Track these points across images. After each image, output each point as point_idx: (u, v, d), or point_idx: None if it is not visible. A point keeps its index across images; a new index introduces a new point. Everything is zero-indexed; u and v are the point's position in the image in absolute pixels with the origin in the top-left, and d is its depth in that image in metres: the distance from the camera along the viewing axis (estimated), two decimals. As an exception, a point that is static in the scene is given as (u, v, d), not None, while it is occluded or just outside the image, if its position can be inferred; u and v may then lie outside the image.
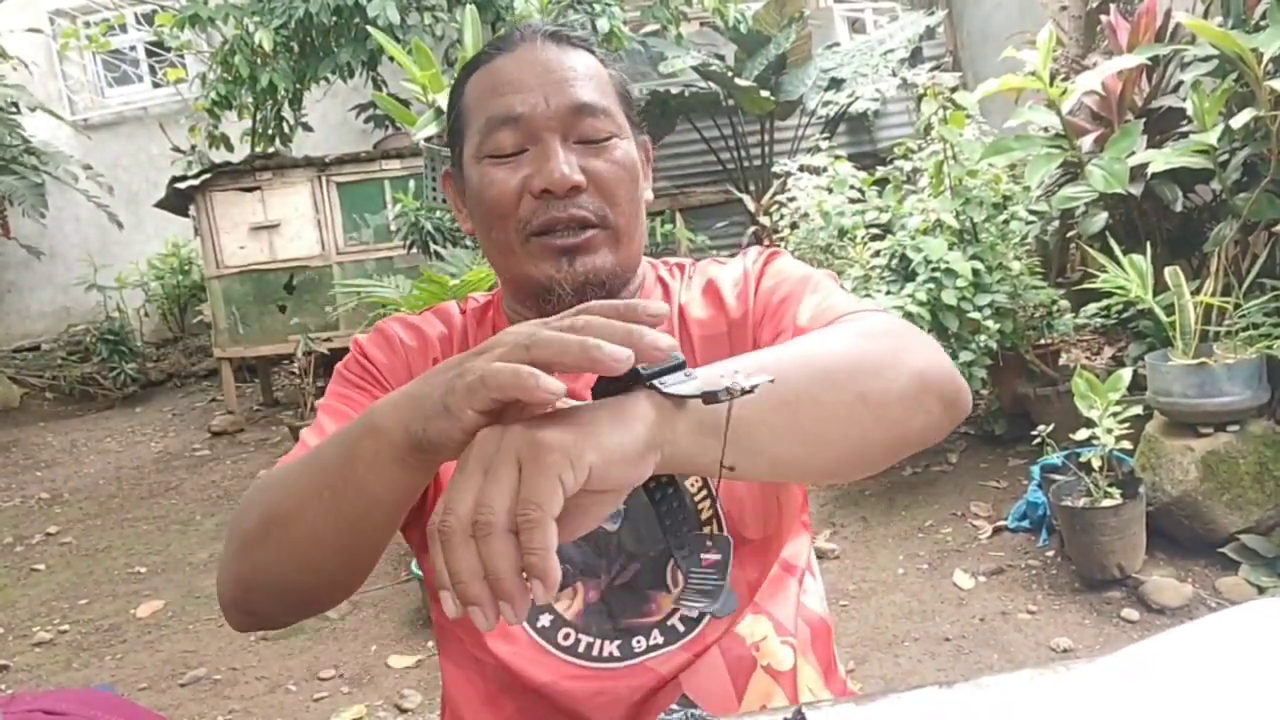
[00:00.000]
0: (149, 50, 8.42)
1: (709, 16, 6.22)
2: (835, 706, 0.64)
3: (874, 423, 0.63)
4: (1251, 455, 2.59)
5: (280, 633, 3.09)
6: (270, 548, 0.67)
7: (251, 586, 0.70)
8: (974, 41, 6.41)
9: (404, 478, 0.59)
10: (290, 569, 0.67)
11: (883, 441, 0.65)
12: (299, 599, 0.71)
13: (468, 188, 0.87)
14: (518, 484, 0.48)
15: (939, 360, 0.70)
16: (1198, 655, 0.60)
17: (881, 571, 2.95)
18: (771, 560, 0.89)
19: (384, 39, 2.73)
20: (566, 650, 0.84)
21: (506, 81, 0.83)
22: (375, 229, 5.85)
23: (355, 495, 0.61)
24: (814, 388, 0.61)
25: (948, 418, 0.69)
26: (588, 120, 0.82)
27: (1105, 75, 3.02)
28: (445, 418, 0.53)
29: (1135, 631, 2.42)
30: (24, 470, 5.61)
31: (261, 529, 0.68)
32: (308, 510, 0.64)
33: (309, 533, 0.64)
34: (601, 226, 0.82)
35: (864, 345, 0.67)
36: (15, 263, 8.06)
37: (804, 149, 5.77)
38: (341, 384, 0.89)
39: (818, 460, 0.63)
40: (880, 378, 0.64)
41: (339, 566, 0.68)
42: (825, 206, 3.89)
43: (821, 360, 0.64)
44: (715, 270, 0.93)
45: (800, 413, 0.60)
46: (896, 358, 0.66)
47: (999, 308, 3.29)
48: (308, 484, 0.64)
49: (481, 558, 0.47)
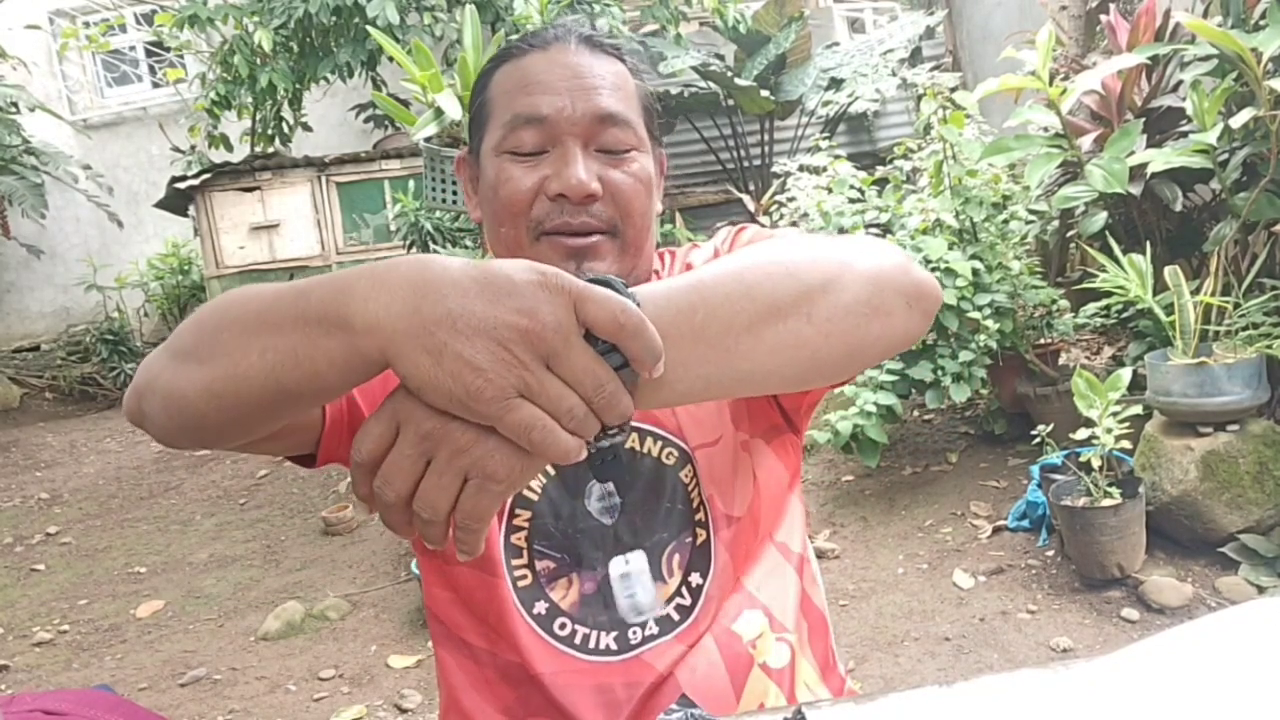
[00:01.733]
0: (149, 50, 8.42)
1: (709, 16, 6.22)
2: (835, 706, 0.64)
3: (824, 340, 0.62)
4: (1251, 455, 2.59)
5: (280, 632, 3.09)
6: (188, 364, 0.63)
7: (155, 388, 0.66)
8: (974, 41, 6.42)
9: (361, 377, 0.56)
10: (197, 392, 0.63)
11: (837, 353, 0.63)
12: (187, 424, 0.66)
13: (482, 179, 0.87)
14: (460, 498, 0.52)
15: (895, 258, 0.68)
16: (1198, 655, 0.60)
17: (881, 571, 2.96)
18: (760, 540, 0.89)
19: (384, 39, 2.73)
20: (563, 641, 0.84)
21: (535, 81, 0.83)
22: (375, 229, 5.85)
23: (301, 374, 0.57)
24: (757, 324, 0.59)
25: (915, 315, 0.67)
26: (611, 130, 0.82)
27: (1105, 75, 3.02)
28: (436, 392, 0.51)
29: (1135, 631, 2.42)
30: (24, 470, 5.61)
31: (191, 343, 0.64)
32: (239, 352, 0.59)
33: (230, 371, 0.60)
34: (611, 235, 0.83)
35: (807, 255, 0.64)
36: (15, 263, 8.06)
37: (804, 149, 5.77)
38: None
39: (758, 390, 0.63)
40: (827, 291, 0.62)
41: (244, 413, 0.62)
42: (825, 206, 3.89)
43: (759, 278, 0.61)
44: (692, 255, 0.95)
45: (737, 333, 0.58)
46: (842, 264, 0.64)
47: (999, 307, 3.29)
48: (251, 329, 0.59)
49: (414, 510, 0.53)
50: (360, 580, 3.47)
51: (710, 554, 0.86)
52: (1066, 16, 4.23)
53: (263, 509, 4.45)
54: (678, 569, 0.86)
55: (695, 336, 0.56)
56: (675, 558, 0.86)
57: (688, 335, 0.56)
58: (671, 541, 0.86)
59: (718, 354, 0.57)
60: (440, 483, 0.51)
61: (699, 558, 0.86)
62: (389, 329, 0.51)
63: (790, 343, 0.60)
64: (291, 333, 0.56)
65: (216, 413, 0.62)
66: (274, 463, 5.16)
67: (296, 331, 0.56)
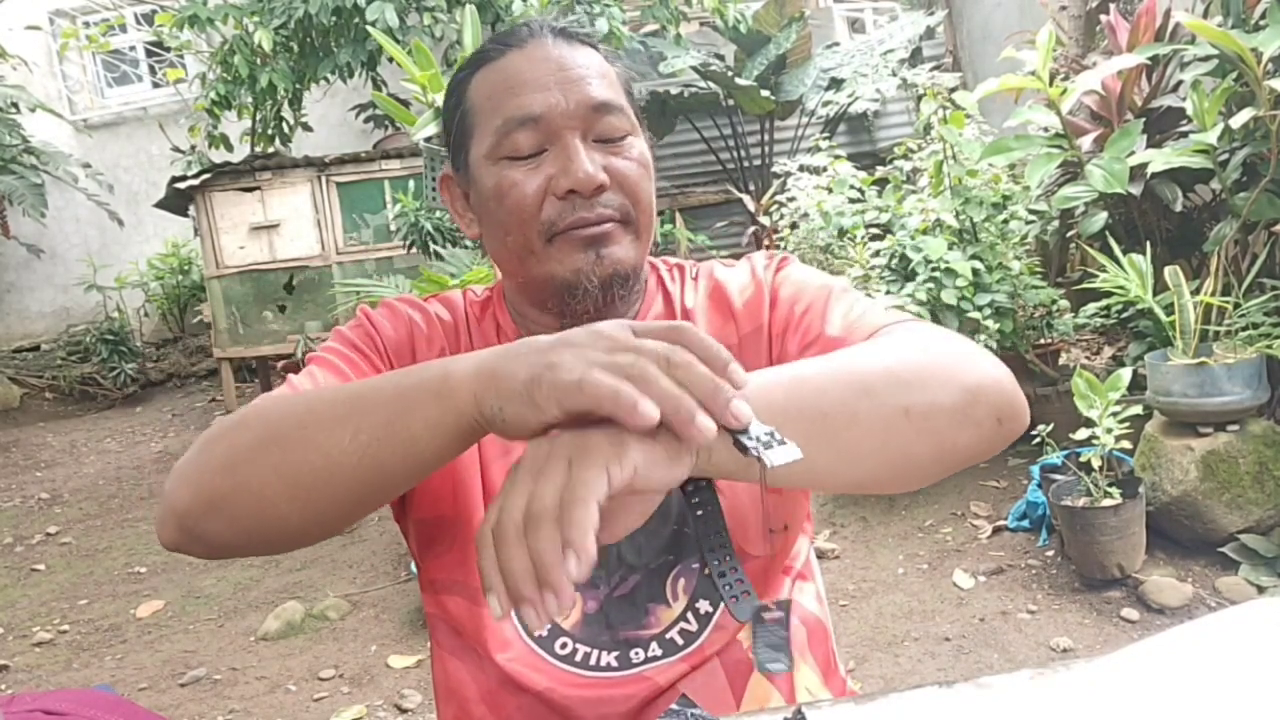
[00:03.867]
0: (149, 50, 8.42)
1: (709, 16, 6.22)
2: (835, 706, 0.64)
3: (916, 436, 0.63)
4: (1251, 455, 2.59)
5: (280, 632, 3.09)
6: (261, 467, 0.63)
7: (217, 504, 0.64)
8: (974, 41, 6.41)
9: (455, 445, 0.59)
10: (278, 494, 0.62)
11: (927, 455, 0.64)
12: (265, 531, 0.65)
13: (477, 190, 0.85)
14: (568, 479, 0.50)
15: (995, 374, 0.68)
16: (1197, 655, 0.60)
17: (881, 571, 2.95)
18: (774, 574, 0.88)
19: (384, 39, 2.73)
20: (564, 659, 0.83)
21: (521, 80, 0.81)
22: (375, 229, 5.85)
23: (397, 445, 0.59)
24: (852, 399, 0.61)
25: (1001, 433, 0.68)
26: (606, 119, 0.81)
27: (1105, 75, 3.02)
28: (528, 405, 0.53)
29: (1135, 631, 2.42)
30: (24, 470, 5.61)
31: (259, 446, 0.63)
32: (329, 440, 0.60)
33: (322, 463, 0.60)
34: (624, 223, 0.82)
35: (913, 357, 0.66)
36: (15, 263, 8.06)
37: (804, 149, 5.78)
38: (343, 344, 0.86)
39: (855, 472, 0.63)
40: (926, 390, 0.63)
41: (332, 506, 0.63)
42: (825, 206, 3.89)
43: (862, 373, 0.63)
44: (722, 274, 0.91)
45: (836, 425, 0.60)
46: (947, 371, 0.66)
47: (999, 307, 3.29)
48: (340, 416, 0.61)
49: (530, 547, 0.49)
50: (360, 580, 3.47)
51: None
52: (1066, 16, 4.23)
53: (263, 509, 4.45)
54: (683, 593, 0.84)
55: (793, 413, 0.58)
56: (681, 581, 0.84)
57: (782, 410, 0.58)
58: (678, 565, 0.84)
59: (813, 413, 0.59)
60: (548, 476, 0.50)
61: (707, 586, 0.83)
62: (486, 369, 0.55)
63: (884, 430, 0.61)
64: (384, 408, 0.59)
65: (302, 511, 0.63)
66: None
67: (390, 405, 0.58)
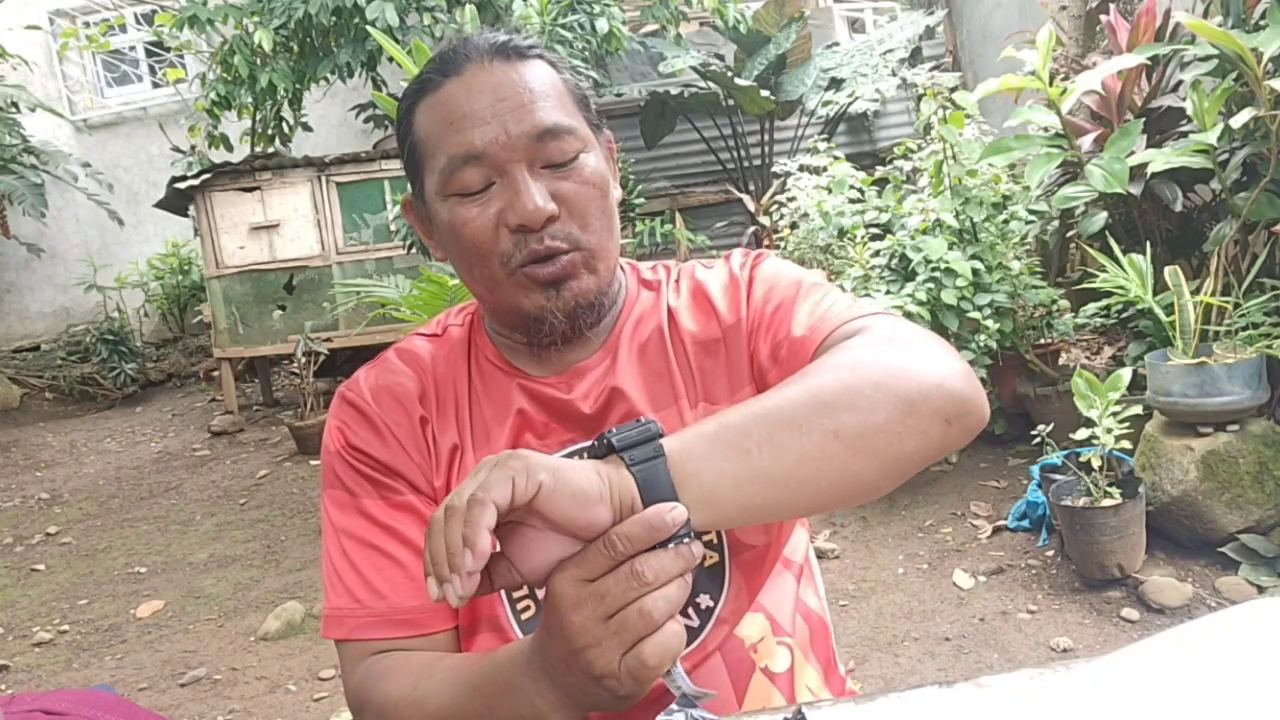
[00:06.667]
0: (149, 50, 8.42)
1: (709, 16, 6.22)
2: (835, 706, 0.64)
3: (853, 456, 0.64)
4: (1251, 455, 2.59)
5: (280, 632, 3.09)
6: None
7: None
8: (974, 41, 6.42)
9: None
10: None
11: (869, 472, 0.65)
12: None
13: (437, 224, 0.84)
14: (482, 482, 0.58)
15: (938, 376, 0.68)
16: (1197, 655, 0.60)
17: (881, 571, 2.95)
18: (772, 563, 0.88)
19: (383, 39, 2.73)
20: None
21: (462, 115, 0.79)
22: (375, 229, 5.85)
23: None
24: (777, 434, 0.63)
25: (953, 432, 0.68)
26: (551, 144, 0.79)
27: (1105, 75, 3.02)
28: (612, 699, 0.61)
29: (1135, 631, 2.42)
30: (24, 470, 5.61)
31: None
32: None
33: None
34: (579, 249, 0.81)
35: (841, 378, 0.67)
36: (15, 263, 8.06)
37: (804, 149, 5.78)
38: (346, 472, 0.86)
39: (799, 501, 0.64)
40: (855, 410, 0.64)
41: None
42: (825, 206, 3.89)
43: (784, 405, 0.65)
44: (702, 274, 0.92)
45: (764, 462, 0.62)
46: (877, 386, 0.66)
47: (999, 307, 3.29)
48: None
49: (445, 535, 0.56)
50: (360, 580, 3.47)
51: (724, 578, 0.84)
52: (1066, 16, 4.24)
53: (263, 509, 4.45)
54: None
55: (719, 460, 0.62)
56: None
57: (705, 458, 0.62)
58: None
59: (737, 454, 0.62)
60: (474, 478, 0.58)
61: (707, 580, 0.83)
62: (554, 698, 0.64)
63: (816, 456, 0.63)
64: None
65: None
66: (274, 462, 5.16)
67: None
